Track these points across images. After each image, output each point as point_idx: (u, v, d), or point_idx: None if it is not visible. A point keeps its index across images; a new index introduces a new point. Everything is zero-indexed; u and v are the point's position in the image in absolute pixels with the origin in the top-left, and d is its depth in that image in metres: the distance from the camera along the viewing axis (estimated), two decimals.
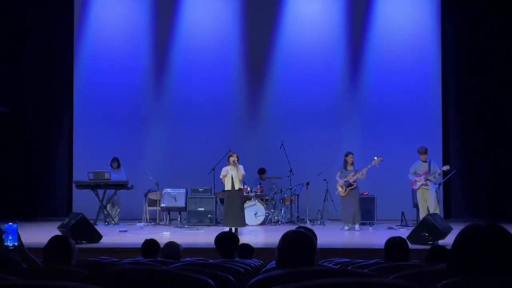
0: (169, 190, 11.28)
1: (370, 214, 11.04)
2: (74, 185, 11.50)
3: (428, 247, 5.14)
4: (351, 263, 4.13)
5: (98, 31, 12.88)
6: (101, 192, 11.00)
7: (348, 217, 10.22)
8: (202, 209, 11.04)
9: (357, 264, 4.03)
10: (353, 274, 2.71)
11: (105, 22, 12.92)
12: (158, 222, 11.38)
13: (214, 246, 4.55)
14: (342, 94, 12.68)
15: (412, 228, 8.78)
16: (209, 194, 11.22)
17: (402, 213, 10.85)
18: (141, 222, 11.35)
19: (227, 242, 4.48)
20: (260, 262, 4.57)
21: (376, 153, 10.47)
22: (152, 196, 11.53)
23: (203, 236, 9.33)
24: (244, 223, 9.65)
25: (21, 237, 3.59)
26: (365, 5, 12.68)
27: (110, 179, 11.04)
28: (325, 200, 11.32)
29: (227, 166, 9.57)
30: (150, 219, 11.51)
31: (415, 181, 10.10)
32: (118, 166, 11.51)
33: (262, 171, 11.86)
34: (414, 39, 12.48)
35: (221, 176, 9.67)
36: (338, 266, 3.86)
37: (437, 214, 8.77)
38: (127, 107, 12.77)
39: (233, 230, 9.11)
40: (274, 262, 3.22)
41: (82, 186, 11.13)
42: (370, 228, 10.69)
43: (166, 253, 4.73)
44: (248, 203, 10.91)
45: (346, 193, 10.23)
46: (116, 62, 12.79)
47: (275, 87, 12.77)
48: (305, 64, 12.58)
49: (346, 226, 10.22)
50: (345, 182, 10.22)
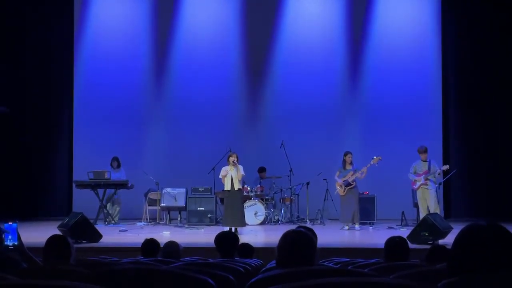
0: (169, 189, 11.29)
1: (370, 214, 11.05)
2: (74, 184, 11.50)
3: (428, 247, 5.13)
4: (351, 263, 4.13)
5: (98, 31, 12.88)
6: (101, 191, 11.01)
7: (347, 216, 10.22)
8: (202, 208, 11.04)
9: (357, 263, 4.02)
10: (353, 273, 2.71)
11: (105, 22, 12.92)
12: (158, 221, 11.39)
13: (214, 246, 4.54)
14: (342, 94, 12.68)
15: (412, 227, 8.76)
16: (209, 193, 11.21)
17: (402, 212, 10.84)
18: (141, 222, 11.36)
19: (227, 241, 4.48)
20: (260, 262, 4.56)
21: (376, 153, 10.47)
22: (152, 195, 11.54)
23: (203, 235, 9.32)
24: (244, 223, 9.64)
25: (21, 236, 3.58)
26: (365, 5, 12.68)
27: (110, 179, 11.05)
28: (325, 199, 11.31)
29: (227, 166, 9.57)
30: (150, 219, 11.52)
31: (415, 180, 10.10)
32: (118, 166, 11.51)
33: (262, 170, 11.85)
34: (414, 39, 12.48)
35: (220, 176, 9.66)
36: (338, 266, 3.86)
37: (437, 214, 8.77)
38: (127, 107, 12.78)
39: (233, 230, 9.10)
40: (274, 261, 3.22)
41: (82, 185, 11.14)
42: (370, 227, 10.68)
43: (166, 252, 4.73)
44: (248, 203, 10.90)
45: (345, 192, 10.24)
46: (116, 62, 12.79)
47: (275, 87, 12.77)
48: (305, 64, 12.58)
49: (346, 226, 10.22)
50: (344, 181, 10.22)
